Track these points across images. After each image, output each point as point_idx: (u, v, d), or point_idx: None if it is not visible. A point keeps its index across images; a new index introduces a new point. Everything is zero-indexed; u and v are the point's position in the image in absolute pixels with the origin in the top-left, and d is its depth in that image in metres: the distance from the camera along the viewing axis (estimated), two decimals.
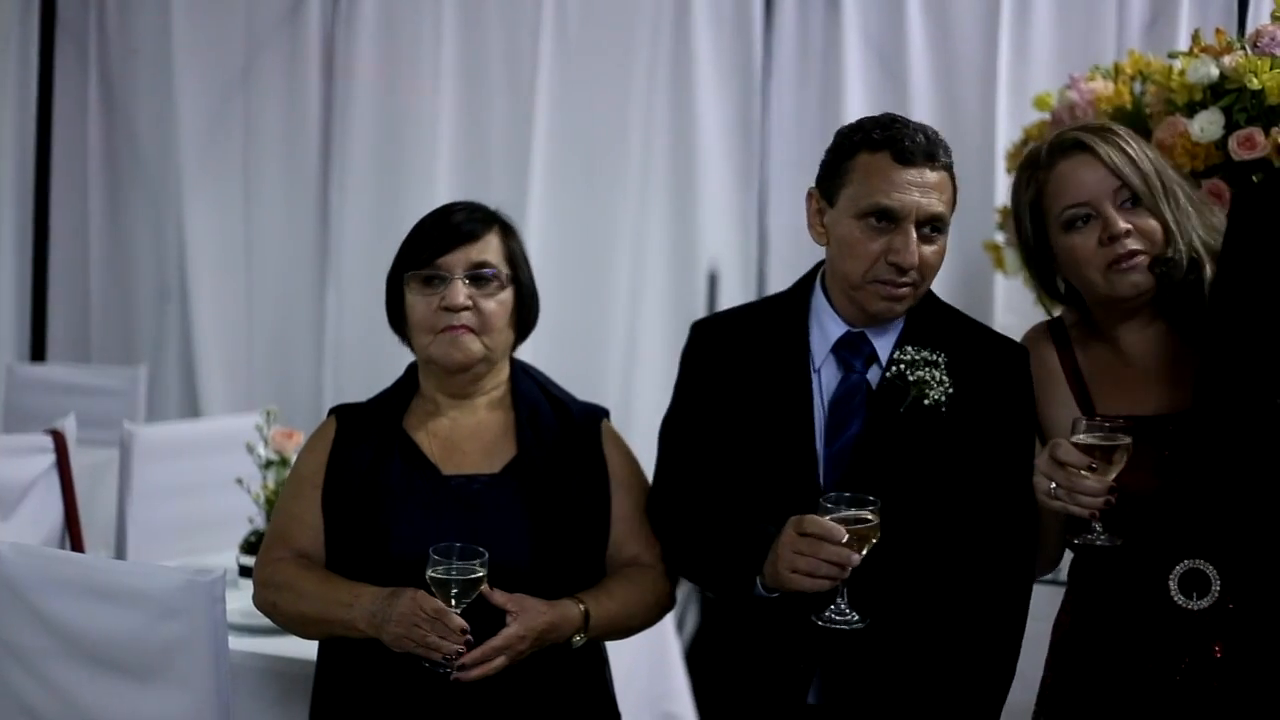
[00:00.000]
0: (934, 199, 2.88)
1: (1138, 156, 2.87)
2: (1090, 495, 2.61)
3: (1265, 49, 4.41)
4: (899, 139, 2.88)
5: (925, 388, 2.89)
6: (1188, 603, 2.79)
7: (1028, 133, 5.29)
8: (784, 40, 6.57)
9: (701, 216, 6.59)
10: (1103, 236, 2.85)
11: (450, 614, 2.85)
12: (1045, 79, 5.89)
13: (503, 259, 3.10)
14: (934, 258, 2.91)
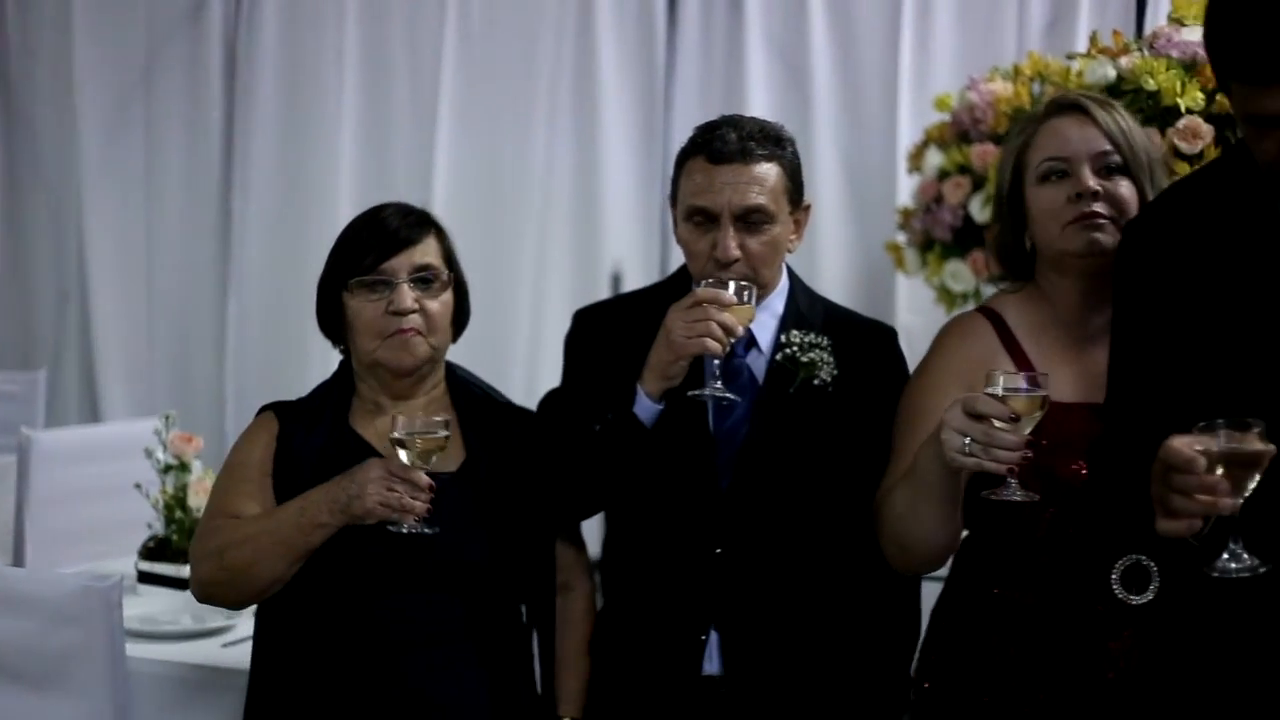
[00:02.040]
0: (751, 192, 3.00)
1: (1129, 130, 2.90)
2: (1007, 449, 2.55)
3: (1161, 50, 4.45)
4: (712, 140, 3.03)
5: (816, 368, 3.04)
6: (1129, 597, 2.81)
7: (929, 134, 5.32)
8: (687, 42, 6.57)
9: (605, 217, 6.59)
10: (1071, 194, 2.88)
11: (417, 472, 2.87)
12: (946, 80, 5.92)
13: (442, 260, 3.11)
14: (761, 247, 3.03)
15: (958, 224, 5.01)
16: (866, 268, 6.22)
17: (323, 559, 2.95)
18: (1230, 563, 2.31)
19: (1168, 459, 2.27)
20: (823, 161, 6.28)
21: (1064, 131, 2.92)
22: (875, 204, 6.18)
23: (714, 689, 3.08)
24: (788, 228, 3.09)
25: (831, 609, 3.11)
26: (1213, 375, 2.47)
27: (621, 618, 3.21)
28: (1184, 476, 2.26)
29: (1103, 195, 2.86)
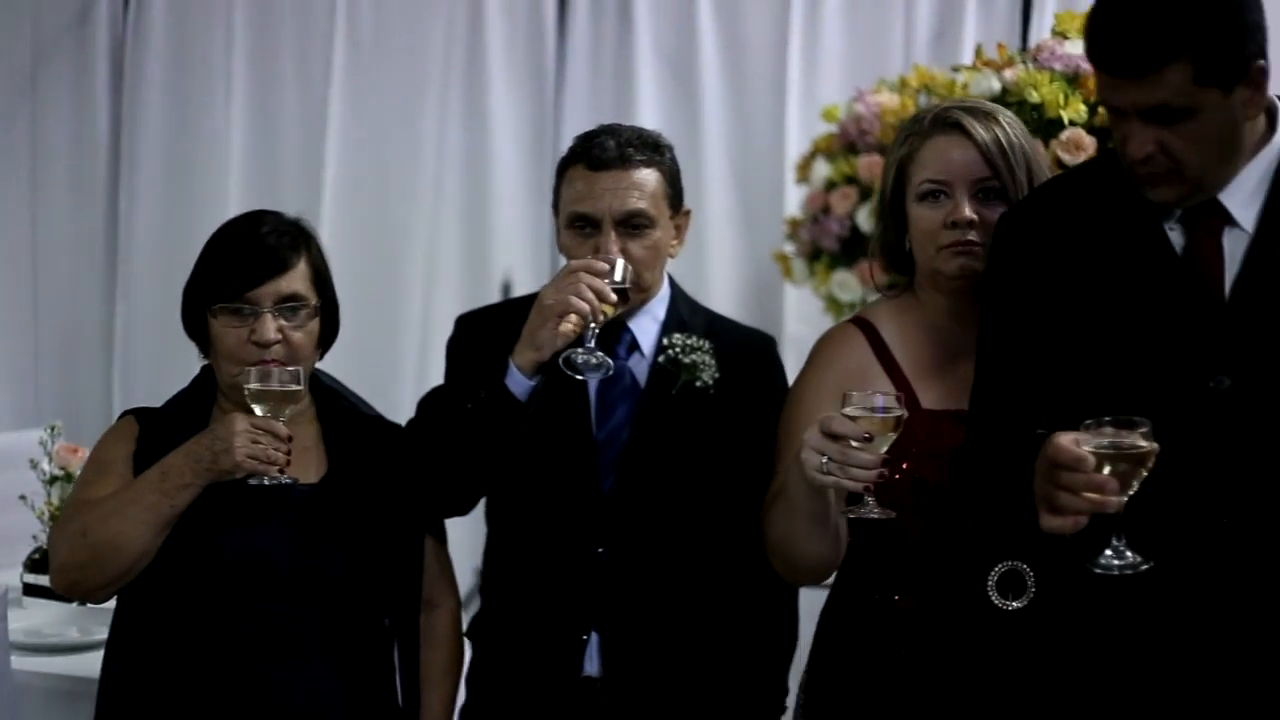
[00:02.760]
0: (632, 197, 3.05)
1: (1010, 147, 2.91)
2: (863, 468, 2.60)
3: (1045, 63, 4.52)
4: (591, 148, 3.09)
5: (698, 370, 3.09)
6: (1005, 603, 2.85)
7: (816, 145, 5.37)
8: (577, 51, 6.57)
9: (495, 226, 6.58)
10: (947, 220, 2.91)
11: (275, 422, 2.88)
12: (834, 92, 5.96)
13: (311, 286, 3.06)
14: (643, 252, 3.08)
15: (845, 234, 5.06)
16: (755, 277, 6.26)
17: (175, 569, 2.92)
18: (1114, 560, 2.35)
19: (1055, 457, 2.30)
20: (712, 171, 6.31)
21: (946, 153, 2.93)
22: (763, 214, 6.22)
23: (593, 690, 3.10)
24: (668, 233, 3.13)
25: (711, 612, 3.14)
26: (1078, 373, 2.51)
27: (502, 619, 3.22)
28: (1072, 474, 2.29)
29: (978, 223, 2.88)
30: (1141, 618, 2.55)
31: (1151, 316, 2.52)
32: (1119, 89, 2.43)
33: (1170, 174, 2.47)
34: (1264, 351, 2.47)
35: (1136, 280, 2.54)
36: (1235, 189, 2.53)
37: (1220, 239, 2.53)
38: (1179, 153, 2.45)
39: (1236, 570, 2.49)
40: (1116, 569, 2.35)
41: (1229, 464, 2.48)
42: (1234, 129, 2.48)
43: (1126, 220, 2.58)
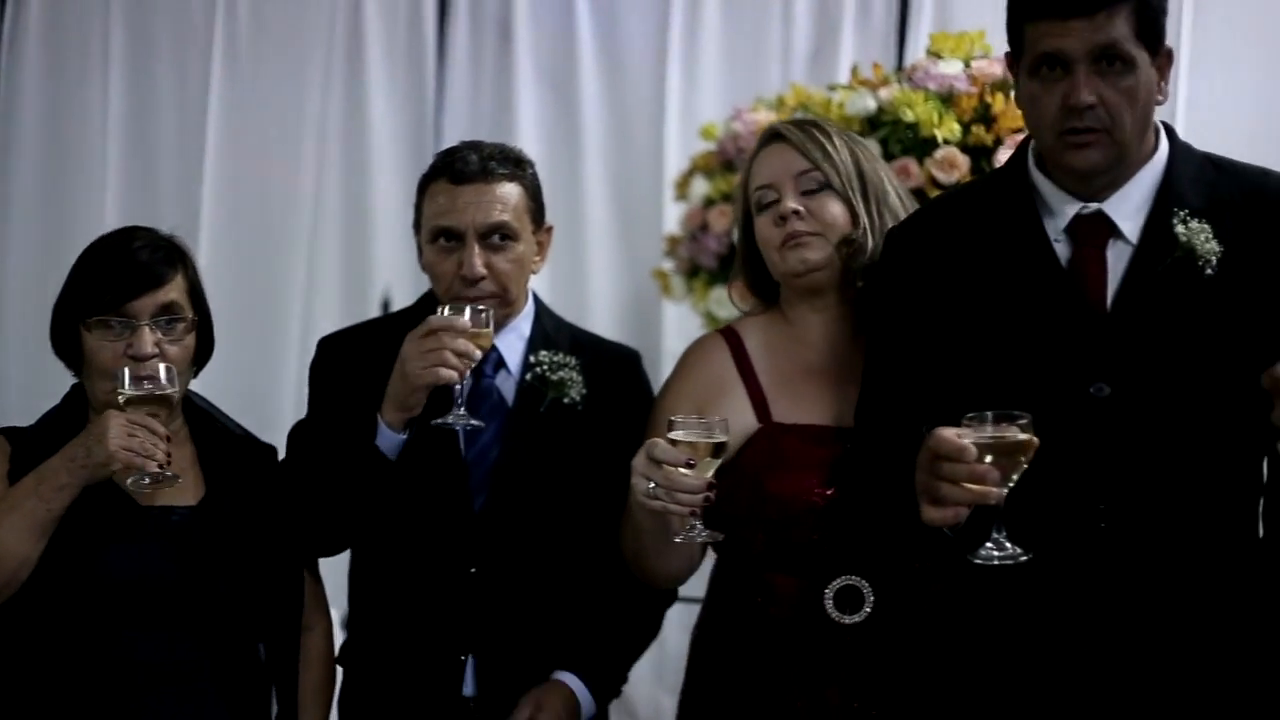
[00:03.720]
0: (495, 210, 3.06)
1: (834, 148, 3.00)
2: (689, 492, 2.64)
3: (920, 83, 4.57)
4: (453, 162, 3.09)
5: (565, 387, 3.11)
6: (842, 617, 2.88)
7: (694, 162, 5.38)
8: (457, 67, 6.55)
9: (375, 242, 6.53)
10: (776, 218, 2.97)
11: (151, 420, 2.84)
12: (712, 110, 5.99)
13: (187, 299, 3.04)
14: (507, 265, 3.10)
15: (723, 251, 5.07)
16: (633, 294, 6.26)
17: (55, 593, 2.87)
18: (994, 551, 2.39)
19: (938, 448, 2.34)
20: (591, 188, 6.31)
21: (769, 160, 3.03)
22: (642, 231, 6.22)
23: (467, 711, 3.09)
24: (531, 247, 3.14)
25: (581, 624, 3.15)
26: (963, 381, 2.55)
27: (375, 643, 3.19)
28: (954, 465, 2.34)
29: (804, 214, 2.94)
30: (1021, 618, 2.61)
31: (1036, 326, 2.58)
32: (1068, 33, 2.50)
33: (1103, 134, 2.53)
34: (1142, 361, 2.55)
35: (1023, 291, 2.61)
36: (1122, 201, 2.60)
37: (1105, 251, 2.61)
38: (1115, 109, 2.52)
39: (1113, 571, 2.55)
40: (996, 560, 2.39)
41: (1107, 469, 2.55)
42: (1150, 102, 2.57)
43: (1014, 234, 2.65)
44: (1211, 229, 2.55)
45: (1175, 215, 2.56)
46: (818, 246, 2.96)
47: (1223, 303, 2.53)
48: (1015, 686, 2.62)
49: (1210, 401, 2.51)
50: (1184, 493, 2.57)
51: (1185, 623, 2.57)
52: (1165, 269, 2.56)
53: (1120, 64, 2.51)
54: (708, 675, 3.04)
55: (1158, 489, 2.56)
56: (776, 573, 2.94)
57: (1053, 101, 2.54)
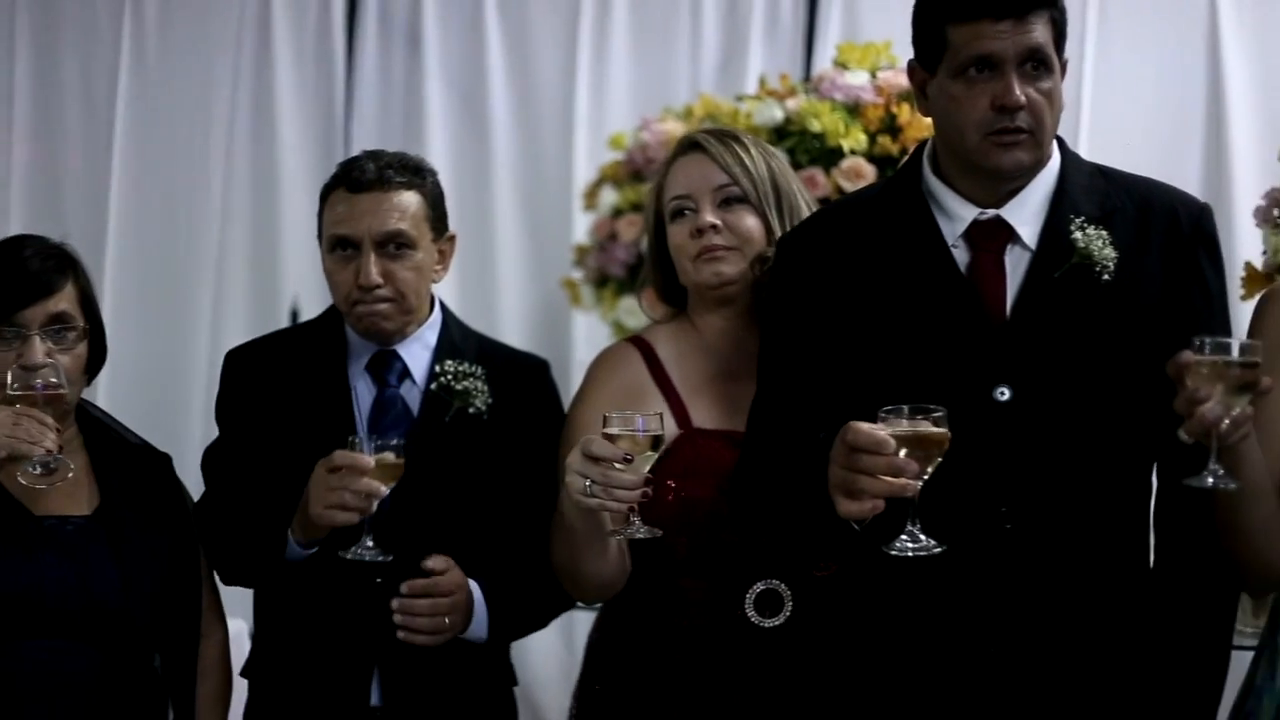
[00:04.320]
0: (392, 218, 3.05)
1: (752, 162, 3.03)
2: (626, 489, 2.65)
3: (826, 93, 4.62)
4: (351, 170, 3.10)
5: (471, 397, 3.08)
6: (762, 621, 2.91)
7: (603, 172, 5.40)
8: (365, 77, 6.53)
9: (283, 252, 6.50)
10: (692, 229, 2.99)
11: (40, 413, 2.80)
12: (621, 120, 5.99)
13: (79, 308, 3.01)
14: (405, 273, 3.08)
15: (632, 261, 5.09)
16: (543, 304, 6.26)
17: None
18: (909, 543, 2.42)
19: (855, 441, 2.36)
20: (500, 198, 6.30)
21: (687, 170, 3.04)
22: (551, 241, 6.22)
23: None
24: (431, 256, 3.13)
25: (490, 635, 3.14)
26: (864, 386, 2.57)
27: (281, 654, 3.18)
28: (872, 458, 2.36)
29: (722, 227, 2.97)
30: (927, 619, 2.64)
31: (936, 331, 2.61)
32: (999, 35, 2.54)
33: (1029, 135, 2.58)
34: (1042, 365, 2.58)
35: (922, 296, 2.63)
36: (1020, 207, 2.64)
37: (1003, 256, 2.64)
38: (1039, 111, 2.57)
39: (1018, 572, 2.59)
40: (911, 551, 2.42)
41: (1010, 471, 2.59)
42: (1060, 107, 2.63)
43: (911, 239, 2.67)
44: (1107, 236, 2.60)
45: (1072, 222, 2.61)
46: (733, 260, 2.99)
47: (1117, 309, 2.58)
48: (920, 685, 2.64)
49: (1107, 405, 2.55)
50: (1083, 495, 2.61)
51: (1085, 623, 2.61)
52: (1063, 275, 2.60)
53: (1044, 68, 2.57)
54: (607, 682, 3.05)
55: (1059, 491, 2.60)
56: (696, 578, 2.96)
57: (981, 103, 2.57)
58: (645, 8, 6.32)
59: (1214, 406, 2.29)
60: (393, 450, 2.88)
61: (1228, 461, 2.37)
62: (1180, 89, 5.89)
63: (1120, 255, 2.60)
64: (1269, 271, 4.33)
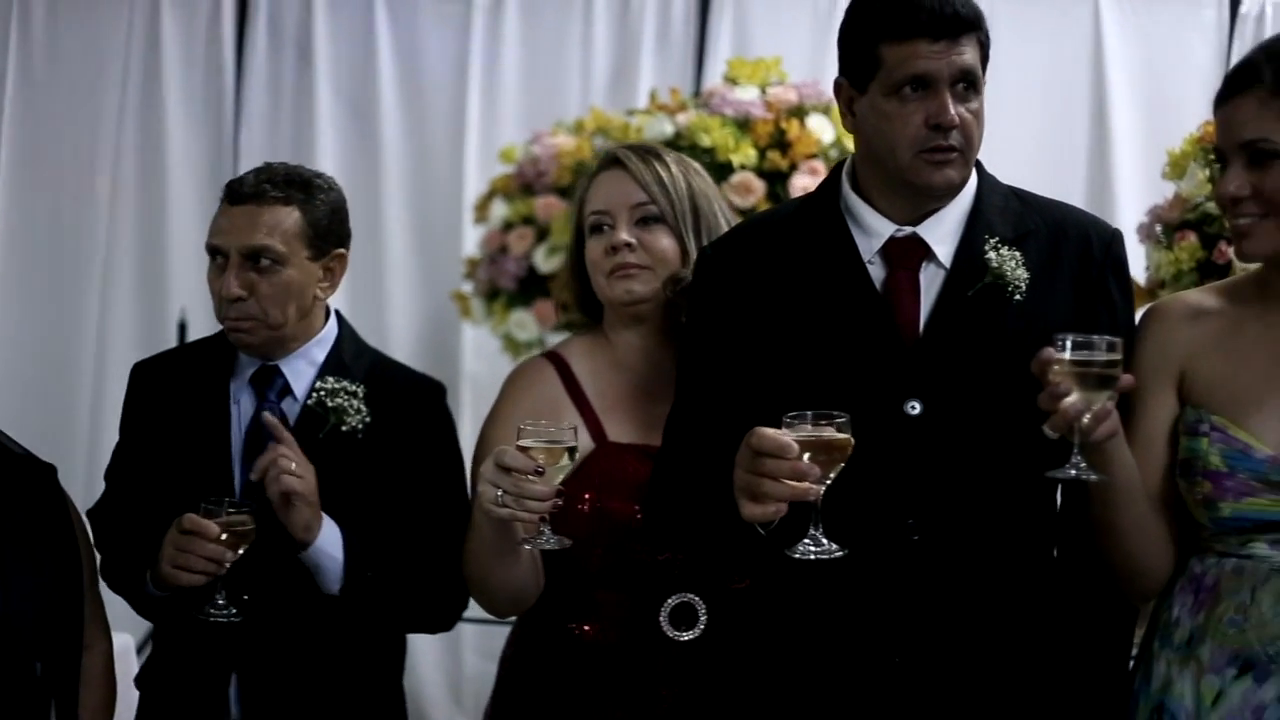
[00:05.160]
0: (259, 233, 3.03)
1: (671, 180, 3.03)
2: (537, 500, 2.65)
3: (716, 109, 4.65)
4: (233, 183, 3.10)
5: (344, 415, 3.05)
6: (677, 635, 2.92)
7: (494, 185, 5.40)
8: (255, 87, 6.49)
9: (171, 266, 6.44)
10: (608, 246, 3.00)
11: None
12: (512, 133, 6.00)
13: None
14: (269, 289, 3.05)
15: (522, 274, 5.10)
16: (433, 316, 6.25)
17: None
18: (811, 547, 2.43)
19: (760, 445, 2.38)
20: (391, 210, 6.28)
21: (607, 185, 3.05)
22: (442, 253, 6.21)
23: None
24: (307, 274, 3.08)
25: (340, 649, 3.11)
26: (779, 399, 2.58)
27: (163, 663, 3.17)
28: (776, 462, 2.37)
29: (636, 246, 2.98)
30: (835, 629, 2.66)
31: (851, 345, 2.64)
32: (936, 55, 2.57)
33: (959, 154, 2.61)
34: (953, 381, 2.63)
35: (837, 311, 2.66)
36: (936, 225, 2.68)
37: (918, 274, 2.68)
38: (969, 130, 2.61)
39: (925, 583, 2.62)
40: (814, 555, 2.43)
41: (919, 484, 2.62)
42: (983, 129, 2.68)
43: (829, 254, 2.70)
44: (1021, 257, 2.65)
45: (987, 242, 2.65)
46: (645, 279, 3.00)
47: (1028, 328, 2.61)
48: (827, 694, 2.66)
49: (1014, 422, 2.58)
50: (990, 508, 2.65)
51: (990, 633, 2.65)
52: (976, 293, 2.64)
53: (973, 89, 2.61)
54: (522, 695, 3.05)
55: (965, 504, 2.64)
56: (610, 590, 2.97)
57: (915, 120, 2.59)
58: (537, 21, 6.34)
59: (1075, 402, 2.35)
60: (248, 513, 2.88)
61: (1096, 460, 2.43)
62: (1065, 107, 6.01)
63: (1032, 276, 2.65)
64: (1152, 288, 4.40)
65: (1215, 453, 2.54)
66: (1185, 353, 2.65)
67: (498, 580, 2.93)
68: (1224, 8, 5.97)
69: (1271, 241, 2.53)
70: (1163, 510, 2.62)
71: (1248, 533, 2.53)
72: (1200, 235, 4.35)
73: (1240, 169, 2.52)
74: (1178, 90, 5.93)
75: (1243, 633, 2.51)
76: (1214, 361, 2.62)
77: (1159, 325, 2.71)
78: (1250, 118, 2.50)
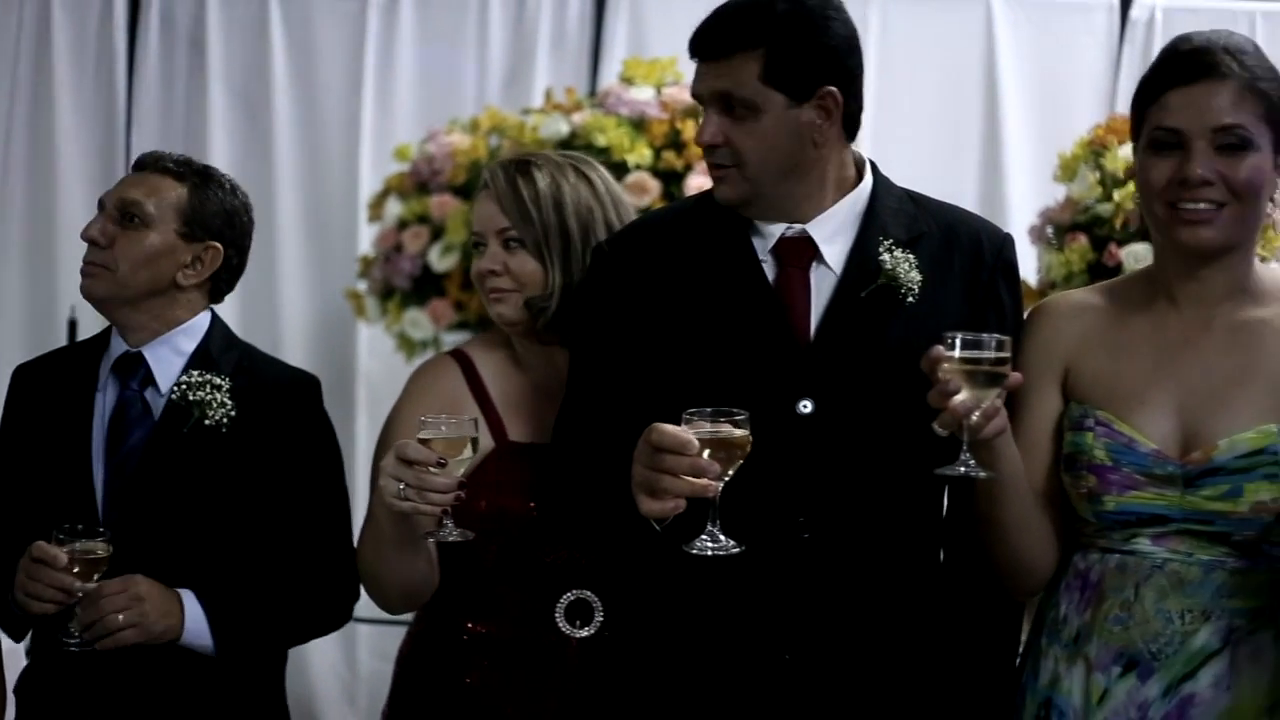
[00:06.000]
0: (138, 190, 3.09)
1: (537, 200, 2.99)
2: (439, 492, 2.65)
3: (612, 108, 4.65)
4: (140, 156, 3.19)
5: (208, 409, 3.01)
6: (573, 631, 2.92)
7: (389, 183, 5.37)
8: (147, 81, 6.42)
9: (61, 260, 6.35)
10: (479, 269, 3.02)
11: None
12: (407, 131, 5.97)
13: None
14: (126, 243, 3.06)
15: (417, 273, 5.07)
16: (327, 315, 6.21)
17: None
18: (709, 543, 2.45)
19: (660, 442, 2.40)
20: (285, 208, 6.23)
21: (480, 207, 3.06)
22: (336, 252, 6.17)
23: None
24: (171, 247, 3.08)
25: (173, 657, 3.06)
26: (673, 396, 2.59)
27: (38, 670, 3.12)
28: (675, 458, 2.40)
29: (501, 271, 2.98)
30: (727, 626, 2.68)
31: (744, 342, 2.67)
32: (701, 76, 2.66)
33: (732, 170, 2.65)
34: (844, 380, 2.66)
35: (732, 308, 2.69)
36: (824, 224, 2.71)
37: (809, 273, 2.71)
38: (740, 146, 2.64)
39: (816, 581, 2.65)
40: (711, 550, 2.45)
41: (810, 482, 2.65)
42: (799, 145, 2.67)
43: (724, 252, 2.73)
44: (914, 259, 2.68)
45: (881, 244, 2.68)
46: (513, 303, 2.99)
47: (919, 330, 2.63)
48: (719, 690, 2.68)
49: (905, 422, 2.61)
50: (880, 507, 2.69)
51: (879, 630, 2.68)
52: (869, 295, 2.67)
53: (741, 108, 2.64)
54: (419, 694, 3.04)
55: (856, 502, 2.67)
56: (506, 588, 2.97)
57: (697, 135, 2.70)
58: (432, 19, 6.31)
59: (964, 399, 2.39)
60: (102, 540, 2.84)
61: (984, 457, 2.46)
62: (958, 111, 6.06)
63: (924, 279, 2.68)
64: (1043, 289, 4.45)
65: (1100, 447, 2.57)
66: (1070, 349, 2.69)
67: (395, 575, 2.91)
68: (1115, 13, 6.04)
69: (1228, 231, 2.56)
70: (1047, 506, 2.66)
71: (1131, 527, 2.57)
72: (1091, 237, 4.41)
73: (1208, 153, 2.52)
74: (1069, 94, 6.00)
75: (1127, 630, 2.55)
76: (1099, 357, 2.66)
77: (1044, 322, 2.75)
78: (1229, 104, 2.52)
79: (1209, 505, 2.52)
